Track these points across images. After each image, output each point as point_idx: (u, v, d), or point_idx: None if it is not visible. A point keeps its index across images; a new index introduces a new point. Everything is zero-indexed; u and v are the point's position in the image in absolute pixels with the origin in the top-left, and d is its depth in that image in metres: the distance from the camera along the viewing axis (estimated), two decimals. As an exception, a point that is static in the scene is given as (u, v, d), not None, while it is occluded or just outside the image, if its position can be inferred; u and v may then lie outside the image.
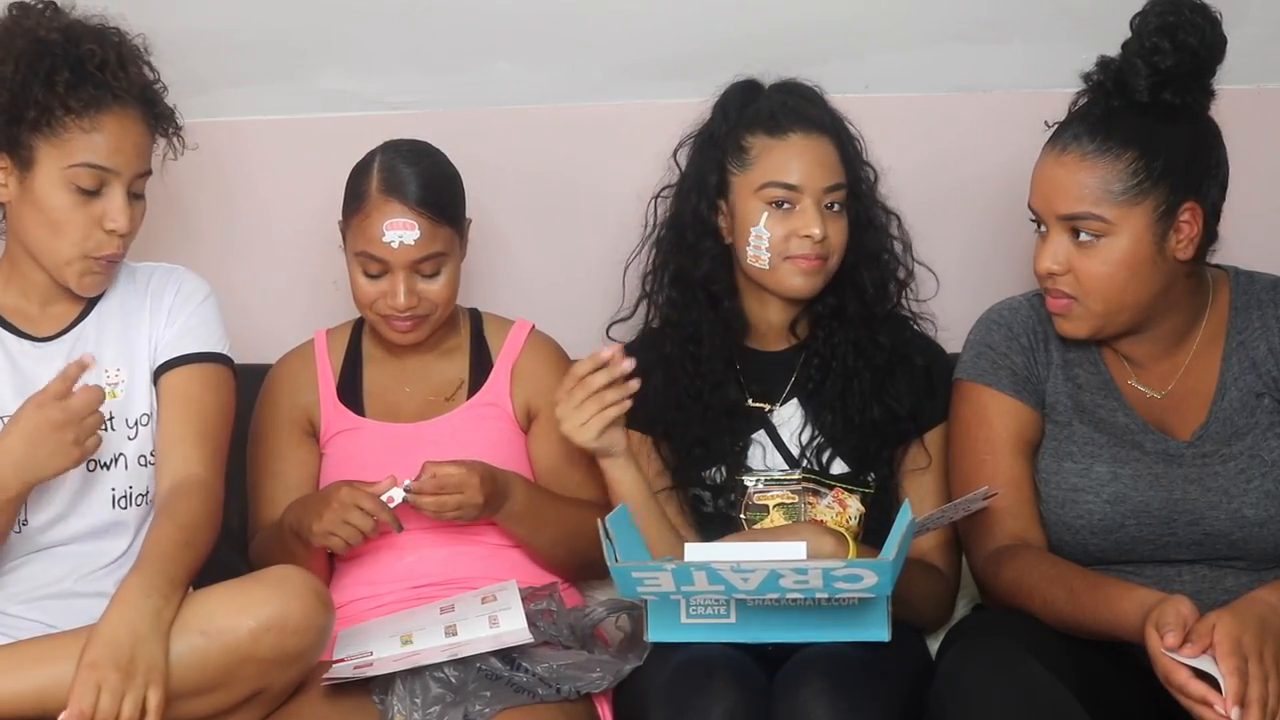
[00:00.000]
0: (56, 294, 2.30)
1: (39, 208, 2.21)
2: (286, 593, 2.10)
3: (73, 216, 2.20)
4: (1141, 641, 1.95)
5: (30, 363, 2.27)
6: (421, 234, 2.36)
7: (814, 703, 2.00)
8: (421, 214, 2.37)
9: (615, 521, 2.13)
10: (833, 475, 2.35)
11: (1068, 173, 2.15)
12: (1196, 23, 2.14)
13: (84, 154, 2.19)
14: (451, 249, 2.42)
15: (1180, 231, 2.14)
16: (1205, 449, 2.19)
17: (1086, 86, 2.20)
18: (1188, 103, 2.16)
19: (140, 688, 2.00)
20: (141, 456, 2.28)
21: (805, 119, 2.36)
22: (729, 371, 2.41)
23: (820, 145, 2.36)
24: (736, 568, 1.97)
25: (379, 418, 2.50)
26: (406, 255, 2.37)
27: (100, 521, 2.25)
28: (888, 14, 2.76)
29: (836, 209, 2.35)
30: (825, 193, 2.34)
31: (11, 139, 2.20)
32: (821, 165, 2.35)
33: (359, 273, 2.41)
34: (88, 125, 2.19)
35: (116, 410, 2.25)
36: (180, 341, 2.32)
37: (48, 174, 2.19)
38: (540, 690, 2.19)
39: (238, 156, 2.80)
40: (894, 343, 2.40)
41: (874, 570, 1.96)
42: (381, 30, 2.77)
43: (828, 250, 2.34)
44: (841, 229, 2.36)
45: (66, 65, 2.19)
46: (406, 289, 2.38)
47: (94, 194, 2.21)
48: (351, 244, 2.42)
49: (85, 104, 2.19)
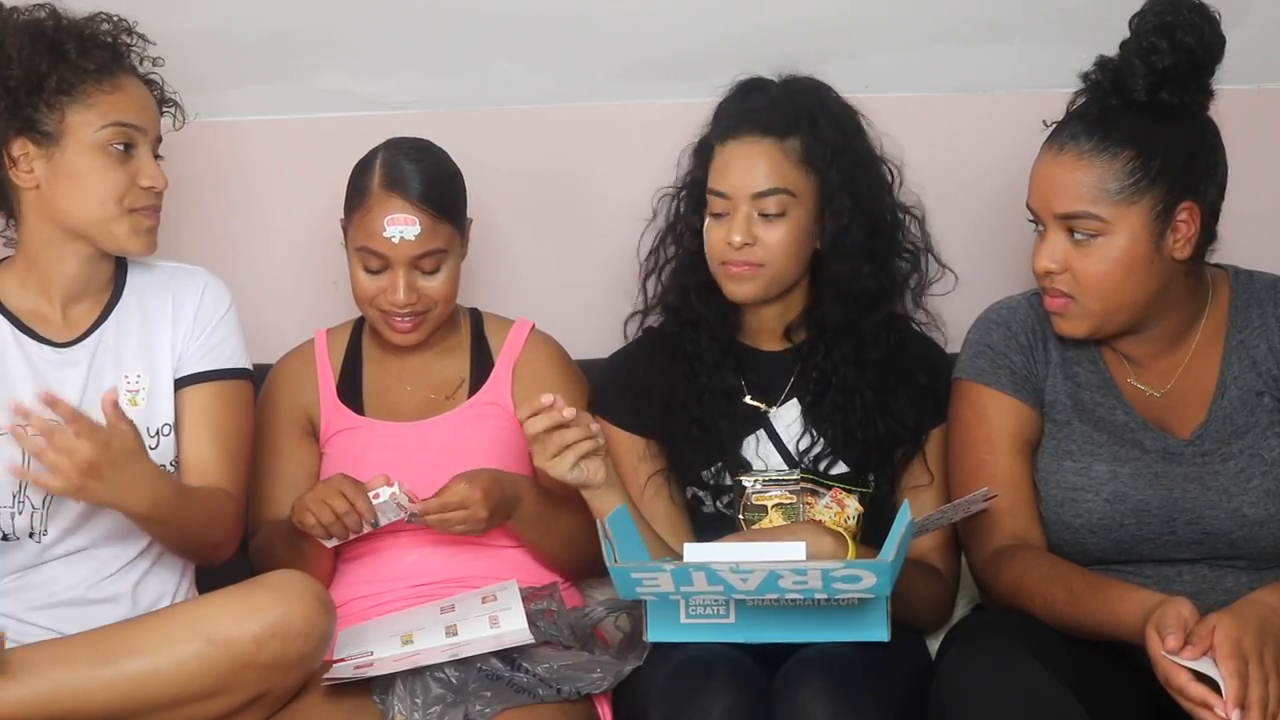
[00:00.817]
0: (79, 290, 2.30)
1: (73, 177, 2.22)
2: (289, 598, 2.10)
3: (110, 175, 2.23)
4: (1142, 643, 1.95)
5: (51, 369, 2.27)
6: (422, 230, 2.37)
7: (813, 703, 2.00)
8: (423, 210, 2.37)
9: (615, 522, 2.13)
10: (831, 475, 2.35)
11: (1065, 172, 2.15)
12: (1194, 22, 2.14)
13: (113, 113, 2.23)
14: (452, 246, 2.42)
15: (1178, 231, 2.14)
16: (1205, 448, 2.19)
17: (1084, 86, 2.20)
18: (1186, 102, 2.16)
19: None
20: (162, 466, 2.26)
21: (750, 123, 2.32)
22: (726, 358, 2.39)
23: (757, 149, 2.30)
24: (735, 568, 1.97)
25: (379, 417, 2.50)
26: (407, 251, 2.37)
27: (118, 529, 2.25)
28: (887, 14, 2.76)
29: (772, 215, 2.30)
30: (755, 199, 2.29)
31: (30, 119, 2.21)
32: (752, 171, 2.30)
33: (359, 268, 2.42)
34: (109, 87, 2.23)
35: (138, 418, 2.22)
36: (206, 357, 2.33)
37: (79, 141, 2.22)
38: (540, 691, 2.19)
39: (237, 156, 2.80)
40: (895, 353, 2.36)
41: (873, 571, 1.95)
42: (381, 30, 2.77)
43: (760, 257, 2.30)
44: (780, 235, 2.30)
45: (71, 38, 2.22)
46: (406, 285, 2.39)
47: (126, 154, 2.24)
48: (352, 239, 2.42)
49: (101, 67, 2.23)
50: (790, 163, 2.30)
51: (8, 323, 2.29)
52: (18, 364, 2.26)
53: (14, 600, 2.23)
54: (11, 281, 2.31)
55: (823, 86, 2.39)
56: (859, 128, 2.39)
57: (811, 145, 2.31)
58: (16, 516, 2.21)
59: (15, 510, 2.21)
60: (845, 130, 2.36)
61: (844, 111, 2.38)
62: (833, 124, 2.34)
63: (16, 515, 2.21)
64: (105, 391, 2.16)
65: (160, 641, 2.06)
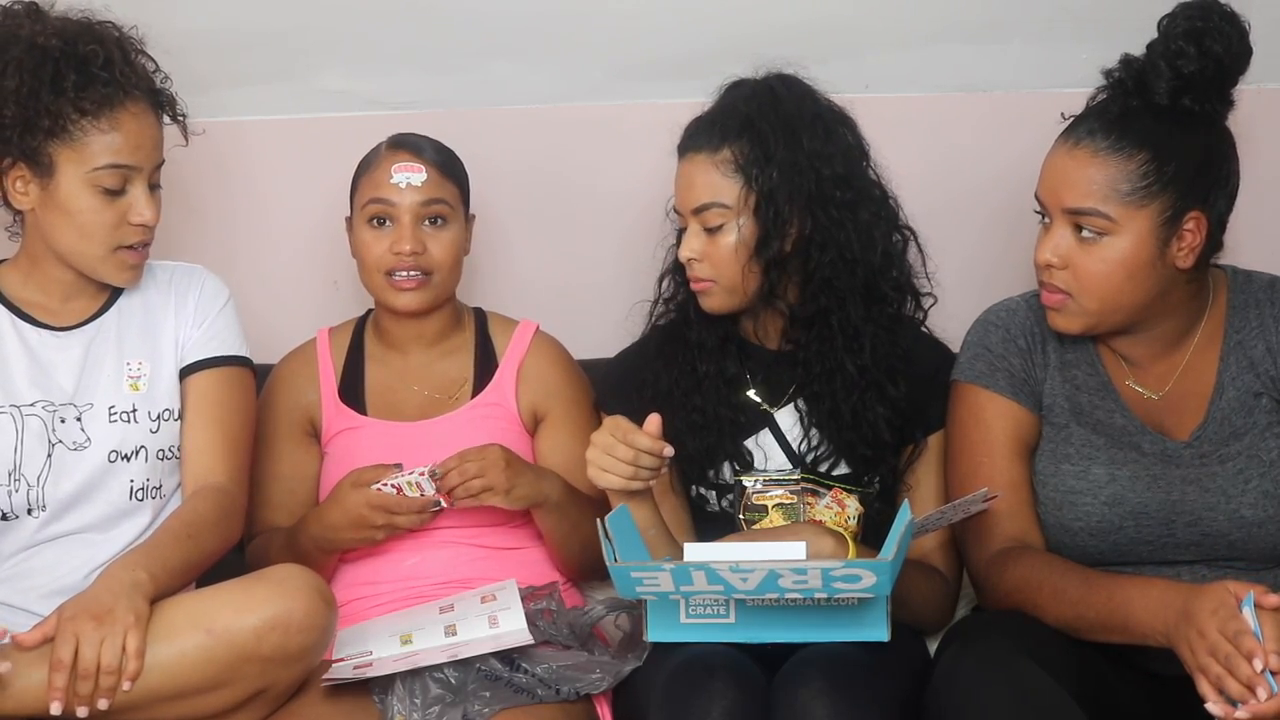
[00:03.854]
0: (79, 290, 2.31)
1: (64, 212, 2.22)
2: (290, 591, 2.11)
3: (100, 217, 2.22)
4: (1150, 631, 1.97)
5: (49, 352, 2.29)
6: (428, 178, 2.43)
7: (814, 702, 2.00)
8: (429, 164, 2.44)
9: (615, 521, 2.13)
10: (832, 476, 2.35)
11: (1078, 166, 2.14)
12: (1224, 30, 2.12)
13: (105, 156, 2.21)
14: (456, 207, 2.46)
15: (1183, 240, 2.14)
16: (1203, 449, 2.19)
17: (1107, 83, 2.19)
18: (1206, 110, 2.15)
19: (119, 634, 2.03)
20: (161, 451, 2.30)
21: (692, 140, 2.31)
22: (727, 347, 2.38)
23: (695, 166, 2.29)
24: (735, 568, 1.97)
25: (381, 417, 2.50)
26: (413, 197, 2.42)
27: (116, 511, 2.27)
28: (888, 14, 2.76)
29: (713, 228, 2.29)
30: (694, 215, 2.30)
31: (27, 149, 2.20)
32: (691, 188, 2.30)
33: (365, 228, 2.45)
34: (105, 126, 2.20)
35: (139, 403, 2.28)
36: (207, 344, 2.34)
37: (70, 180, 2.21)
38: (540, 691, 2.19)
39: (237, 156, 2.80)
40: (897, 353, 2.34)
41: (873, 570, 1.95)
42: (381, 30, 2.77)
43: (709, 273, 2.30)
44: (722, 247, 2.29)
45: (71, 68, 2.19)
46: (412, 236, 2.42)
47: (119, 193, 2.23)
48: (359, 201, 2.46)
49: (99, 105, 2.19)
50: (723, 173, 2.28)
51: (5, 309, 2.30)
52: (14, 347, 2.28)
53: (14, 589, 2.24)
54: (15, 277, 2.33)
55: (780, 85, 2.33)
56: (816, 123, 2.31)
57: (749, 151, 2.27)
58: (14, 494, 2.23)
59: (12, 488, 2.23)
60: (793, 129, 2.29)
61: (797, 109, 2.31)
62: (778, 125, 2.28)
63: (14, 493, 2.23)
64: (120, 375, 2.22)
65: (161, 633, 2.06)
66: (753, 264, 2.29)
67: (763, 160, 2.26)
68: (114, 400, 2.28)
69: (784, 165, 2.27)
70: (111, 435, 2.26)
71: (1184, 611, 1.95)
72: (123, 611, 2.04)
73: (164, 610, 2.10)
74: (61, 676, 2.01)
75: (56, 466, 2.24)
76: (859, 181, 2.33)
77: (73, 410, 2.26)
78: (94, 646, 2.02)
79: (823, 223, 2.29)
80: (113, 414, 2.27)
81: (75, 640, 2.02)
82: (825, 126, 2.31)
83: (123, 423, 2.27)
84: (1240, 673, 1.89)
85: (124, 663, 2.02)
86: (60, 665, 2.01)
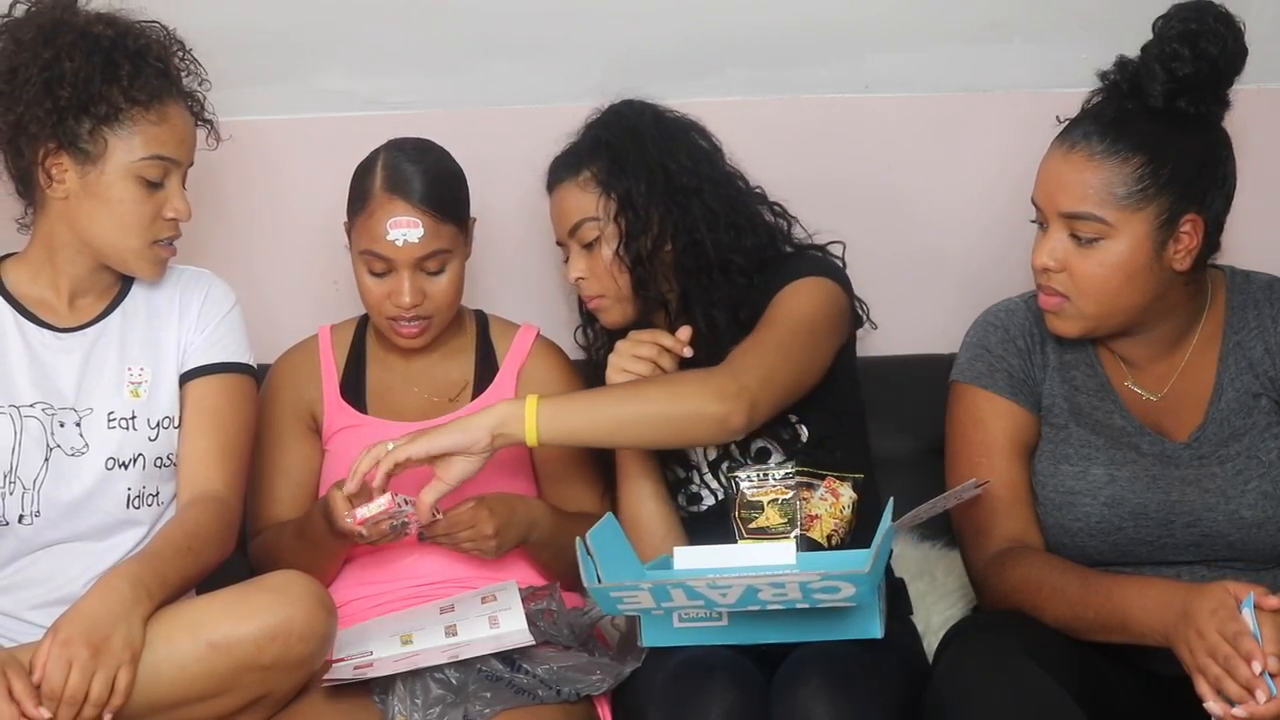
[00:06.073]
0: (88, 287, 2.31)
1: (103, 201, 2.22)
2: (290, 600, 2.10)
3: (139, 208, 2.23)
4: (1150, 630, 1.98)
5: (50, 354, 2.28)
6: (425, 232, 2.38)
7: (813, 701, 2.01)
8: (425, 212, 2.38)
9: (600, 534, 2.09)
10: (824, 466, 2.34)
11: (1073, 170, 2.14)
12: (1219, 32, 2.12)
13: (154, 146, 2.22)
14: (456, 246, 2.43)
15: (1180, 242, 2.13)
16: (1202, 450, 2.19)
17: (1102, 86, 2.18)
18: (1202, 112, 2.14)
19: (111, 667, 2.02)
20: (159, 459, 2.28)
21: (556, 172, 2.46)
22: None
23: (562, 193, 2.44)
24: (713, 584, 1.97)
25: (381, 416, 2.50)
26: (410, 253, 2.38)
27: (113, 519, 2.26)
28: (888, 14, 2.75)
29: (590, 243, 2.40)
30: (571, 237, 2.43)
31: (72, 135, 2.20)
32: (563, 214, 2.44)
33: (364, 272, 2.42)
34: (154, 117, 2.22)
35: (139, 410, 2.27)
36: (210, 350, 2.33)
37: (117, 168, 2.21)
38: (540, 692, 2.19)
39: (237, 156, 2.79)
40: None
41: (851, 582, 1.95)
42: (382, 30, 2.77)
43: (598, 290, 2.42)
44: (602, 259, 2.39)
45: (125, 58, 2.21)
46: (411, 287, 2.39)
47: (158, 185, 2.24)
48: (356, 243, 2.43)
49: (151, 96, 2.22)
50: (586, 190, 2.42)
51: (9, 306, 2.29)
52: (15, 346, 2.27)
53: (13, 598, 2.24)
54: (23, 273, 2.32)
55: (625, 107, 2.46)
56: (661, 128, 2.43)
57: (606, 164, 2.40)
58: (8, 498, 2.21)
59: (6, 491, 2.22)
60: (639, 136, 2.41)
61: (640, 121, 2.44)
62: (625, 137, 2.41)
63: (8, 496, 2.21)
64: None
65: (160, 643, 2.06)
66: (625, 265, 2.39)
67: (618, 170, 2.39)
68: (114, 406, 2.27)
69: (636, 168, 2.39)
70: (109, 442, 2.25)
71: (1183, 612, 1.95)
72: (119, 646, 2.03)
73: (162, 619, 2.09)
74: (52, 705, 2.00)
75: (53, 472, 2.23)
76: (707, 170, 2.43)
77: (72, 415, 2.25)
78: (85, 677, 2.01)
79: (675, 214, 2.38)
80: (112, 420, 2.26)
81: (68, 667, 2.00)
82: (669, 132, 2.45)
83: (121, 429, 2.25)
84: (1239, 675, 1.89)
85: (111, 696, 2.02)
86: (52, 695, 2.00)
